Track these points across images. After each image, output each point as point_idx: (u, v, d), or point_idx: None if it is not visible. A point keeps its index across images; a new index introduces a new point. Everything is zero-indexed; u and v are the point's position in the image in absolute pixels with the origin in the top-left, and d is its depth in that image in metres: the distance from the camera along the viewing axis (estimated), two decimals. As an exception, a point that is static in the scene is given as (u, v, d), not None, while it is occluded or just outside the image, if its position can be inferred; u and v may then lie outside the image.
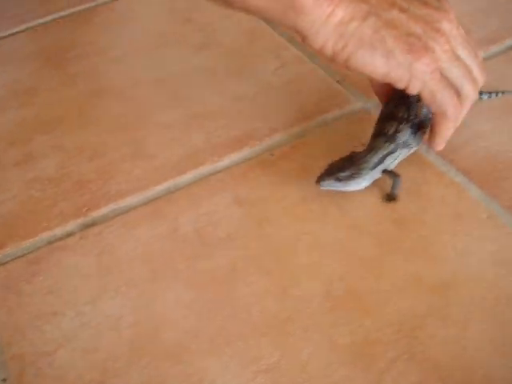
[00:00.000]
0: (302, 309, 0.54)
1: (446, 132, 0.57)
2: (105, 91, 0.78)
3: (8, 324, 0.55)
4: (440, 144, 0.58)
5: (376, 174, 0.61)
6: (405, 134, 0.60)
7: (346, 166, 0.59)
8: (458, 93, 0.54)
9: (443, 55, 0.52)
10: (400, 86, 0.53)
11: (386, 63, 0.52)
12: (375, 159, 0.60)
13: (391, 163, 0.61)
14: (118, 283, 0.57)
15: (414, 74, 0.52)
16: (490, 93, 0.70)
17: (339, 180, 0.59)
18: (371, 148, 0.60)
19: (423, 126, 0.61)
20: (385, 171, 0.61)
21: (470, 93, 0.55)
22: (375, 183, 0.62)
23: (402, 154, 0.61)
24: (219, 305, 0.55)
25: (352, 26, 0.51)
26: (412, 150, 0.62)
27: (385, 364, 0.50)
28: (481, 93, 0.67)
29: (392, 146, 0.60)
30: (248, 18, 0.87)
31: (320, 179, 0.59)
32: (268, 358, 0.51)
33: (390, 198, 0.61)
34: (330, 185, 0.59)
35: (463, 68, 0.54)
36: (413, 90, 0.53)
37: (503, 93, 0.70)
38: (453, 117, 0.55)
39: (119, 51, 0.84)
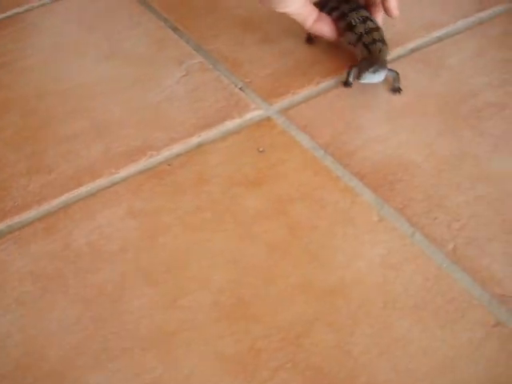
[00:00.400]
0: (188, 320, 0.53)
1: None
2: (8, 104, 0.76)
3: None
4: (396, 7, 0.73)
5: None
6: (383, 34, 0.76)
7: (372, 63, 0.71)
8: None
9: None
10: None
11: None
12: (385, 56, 0.74)
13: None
14: (8, 301, 0.56)
15: None
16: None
17: (374, 72, 0.71)
18: (378, 50, 0.73)
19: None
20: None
21: None
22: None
23: None
24: (106, 319, 0.54)
25: None
26: None
27: (268, 373, 0.50)
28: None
29: (386, 45, 0.75)
30: (155, 27, 0.87)
31: (359, 75, 0.71)
32: (151, 372, 0.50)
33: (397, 89, 0.74)
34: (368, 77, 0.71)
35: None
36: None
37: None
38: None
39: (26, 63, 0.83)
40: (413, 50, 0.81)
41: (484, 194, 0.62)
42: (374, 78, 0.72)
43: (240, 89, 0.75)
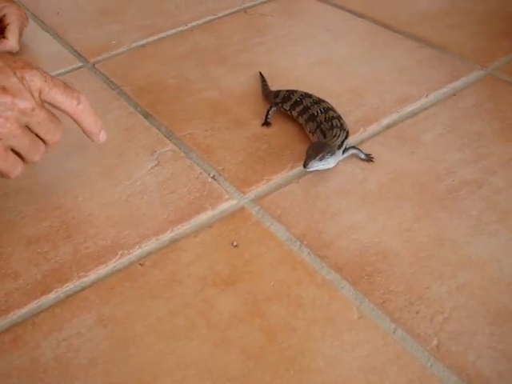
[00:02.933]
0: None
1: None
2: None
3: None
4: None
5: (340, 153, 0.72)
6: (343, 121, 0.76)
7: (320, 149, 0.69)
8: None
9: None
10: None
11: None
12: (338, 142, 0.71)
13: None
14: (-28, 426, 0.53)
15: None
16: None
17: (320, 160, 0.68)
18: (333, 135, 0.72)
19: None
20: (344, 151, 0.73)
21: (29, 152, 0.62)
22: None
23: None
24: None
25: None
26: None
27: None
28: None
29: (344, 131, 0.74)
30: (126, 113, 0.85)
31: (306, 164, 0.68)
32: None
33: (367, 159, 0.74)
34: (315, 165, 0.68)
35: (27, 139, 0.60)
36: None
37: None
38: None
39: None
40: (388, 126, 0.81)
41: (466, 282, 0.61)
42: (322, 165, 0.69)
43: (213, 177, 0.74)
